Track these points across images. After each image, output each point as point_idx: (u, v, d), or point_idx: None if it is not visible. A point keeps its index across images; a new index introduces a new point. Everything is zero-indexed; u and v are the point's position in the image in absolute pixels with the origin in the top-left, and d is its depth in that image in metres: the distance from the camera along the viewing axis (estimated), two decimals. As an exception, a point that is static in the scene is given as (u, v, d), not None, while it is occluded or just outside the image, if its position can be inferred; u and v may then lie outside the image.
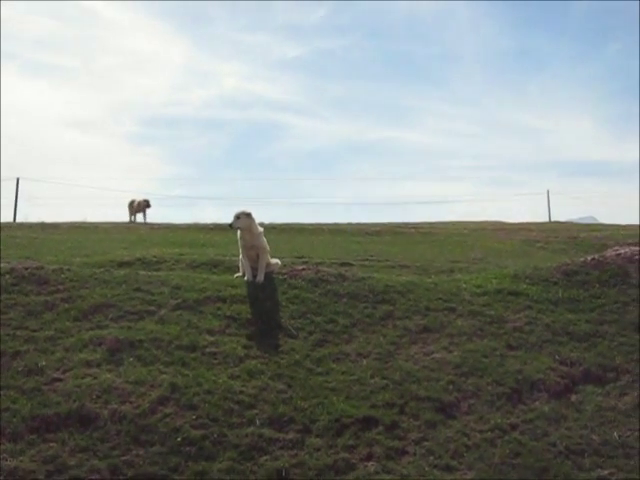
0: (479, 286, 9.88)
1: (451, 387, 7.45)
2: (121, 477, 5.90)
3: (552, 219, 36.58)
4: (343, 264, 12.80)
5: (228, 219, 9.59)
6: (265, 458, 6.24)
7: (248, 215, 9.45)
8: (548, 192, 40.53)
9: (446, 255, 15.76)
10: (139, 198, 26.74)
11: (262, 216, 9.69)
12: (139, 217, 26.54)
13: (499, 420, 6.97)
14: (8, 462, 5.92)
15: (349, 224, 24.69)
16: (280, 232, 18.70)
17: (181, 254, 12.83)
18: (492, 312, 9.08)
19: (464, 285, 9.91)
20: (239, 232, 9.49)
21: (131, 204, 26.71)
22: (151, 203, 26.49)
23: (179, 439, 6.30)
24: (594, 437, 6.77)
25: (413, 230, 22.41)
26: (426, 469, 6.25)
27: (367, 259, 14.23)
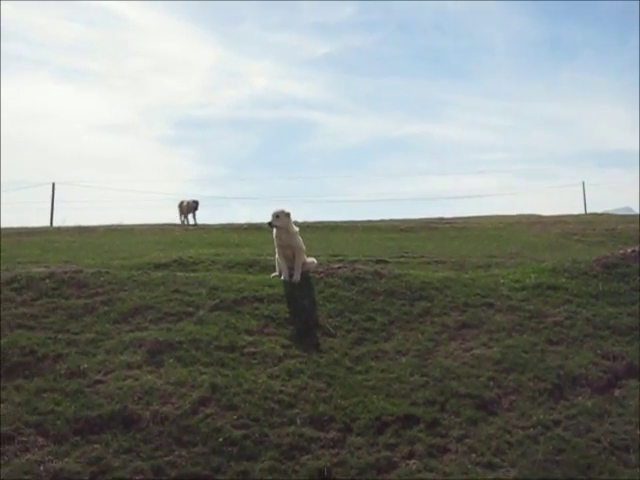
0: (517, 281, 9.78)
1: (492, 383, 7.39)
2: (164, 478, 5.96)
3: (588, 211, 36.15)
4: (378, 261, 12.76)
5: (261, 219, 9.65)
6: (307, 457, 6.24)
7: (287, 214, 9.47)
8: (583, 183, 39.99)
9: (482, 250, 15.63)
10: (188, 199, 26.16)
11: (295, 215, 9.69)
12: (189, 218, 25.87)
13: (541, 416, 6.91)
14: (53, 464, 6.01)
15: (382, 221, 24.60)
16: (314, 230, 18.69)
17: (217, 254, 12.89)
18: (531, 307, 8.99)
19: (502, 280, 9.82)
20: (275, 231, 9.50)
21: (181, 205, 26.08)
22: (199, 204, 25.84)
23: (221, 439, 6.34)
24: (639, 432, 6.67)
25: (448, 225, 22.27)
26: (468, 467, 6.22)
27: (402, 256, 14.17)
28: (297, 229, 9.66)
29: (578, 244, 17.87)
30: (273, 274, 9.84)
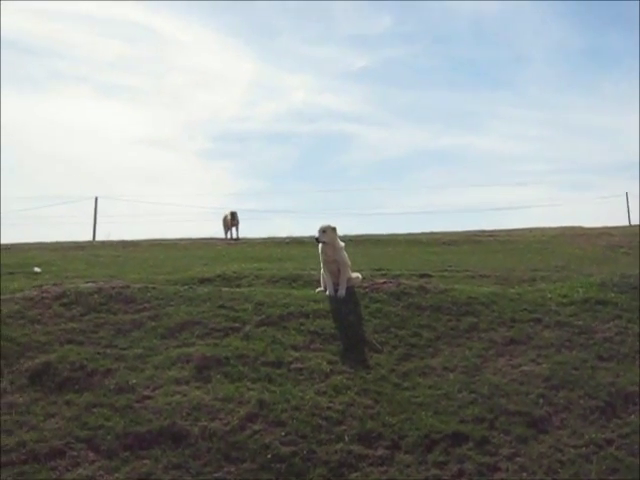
0: (565, 296, 9.65)
1: (541, 401, 7.29)
2: (214, 494, 5.97)
3: (632, 222, 35.54)
4: (422, 275, 12.67)
5: (301, 232, 9.64)
6: (355, 475, 6.21)
7: (333, 229, 9.47)
8: (627, 194, 39.28)
9: (526, 263, 15.43)
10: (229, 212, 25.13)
11: (335, 228, 9.61)
12: (232, 232, 24.93)
13: (593, 435, 6.79)
14: (104, 479, 6.06)
15: (424, 233, 24.46)
16: (356, 244, 18.63)
17: (260, 269, 12.92)
18: (580, 322, 8.85)
19: (549, 295, 9.69)
20: (320, 247, 9.50)
21: (225, 219, 25.31)
22: (236, 215, 24.87)
23: (269, 456, 6.34)
24: (696, 452, 6.52)
25: (491, 238, 22.06)
26: (520, 486, 6.12)
27: (446, 270, 14.05)
28: (343, 244, 9.65)
29: (625, 257, 17.56)
30: (318, 289, 9.83)
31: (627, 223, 35.14)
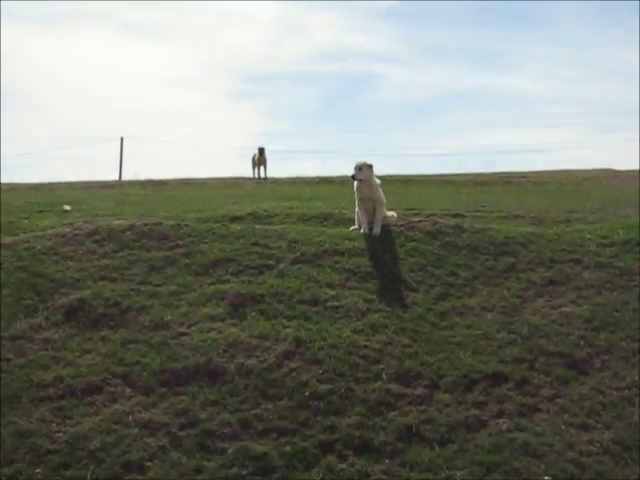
0: (605, 237, 9.39)
1: (582, 342, 7.14)
2: (251, 431, 5.92)
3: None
4: (455, 215, 12.44)
5: (328, 172, 9.44)
6: (394, 414, 6.13)
7: (370, 167, 9.25)
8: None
9: (561, 205, 15.13)
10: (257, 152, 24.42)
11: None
12: (261, 171, 24.47)
13: (636, 377, 6.64)
14: (142, 414, 6.04)
15: (456, 175, 24.15)
16: (385, 184, 18.26)
17: (291, 208, 12.77)
18: (621, 264, 8.62)
19: (588, 236, 9.45)
20: (356, 184, 9.29)
21: (253, 158, 24.55)
22: (264, 150, 24.21)
23: (307, 393, 6.28)
24: None
25: (523, 179, 21.74)
26: (562, 427, 6.02)
27: (479, 210, 13.80)
28: (379, 182, 9.46)
29: (662, 199, 17.17)
30: (352, 227, 9.67)
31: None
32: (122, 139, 31.83)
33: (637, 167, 28.30)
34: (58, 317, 7.41)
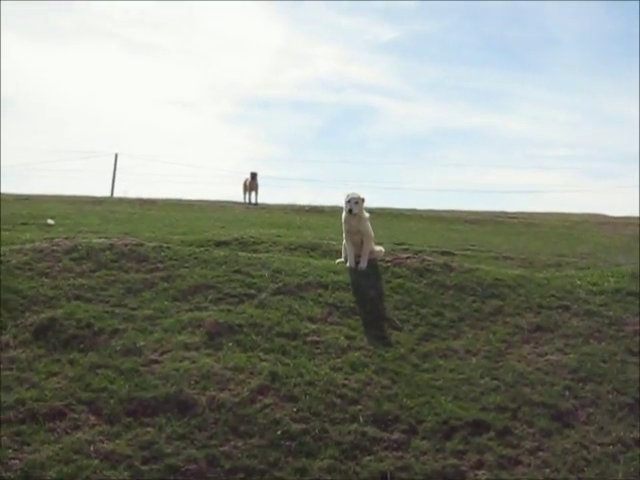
0: (595, 284, 9.22)
1: (567, 393, 6.91)
2: (219, 469, 5.64)
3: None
4: (444, 253, 12.27)
5: (321, 201, 9.24)
6: (369, 459, 5.86)
7: (363, 200, 9.07)
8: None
9: (551, 248, 15.01)
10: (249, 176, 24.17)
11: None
12: (252, 196, 24.12)
13: (621, 433, 6.41)
14: (104, 444, 5.74)
15: (446, 211, 24.01)
16: (376, 217, 18.10)
17: (278, 236, 12.55)
18: (610, 313, 8.44)
19: (578, 282, 9.27)
20: (344, 216, 9.08)
21: (245, 181, 24.33)
22: (257, 176, 23.91)
23: (279, 432, 5.99)
24: None
25: (514, 220, 21.61)
26: (543, 483, 5.76)
27: (468, 249, 13.66)
28: (368, 215, 9.26)
29: (653, 248, 17.07)
30: (338, 260, 9.45)
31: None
32: (116, 155, 31.82)
33: (628, 214, 28.34)
34: (27, 336, 7.10)
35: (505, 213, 24.72)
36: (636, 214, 30.08)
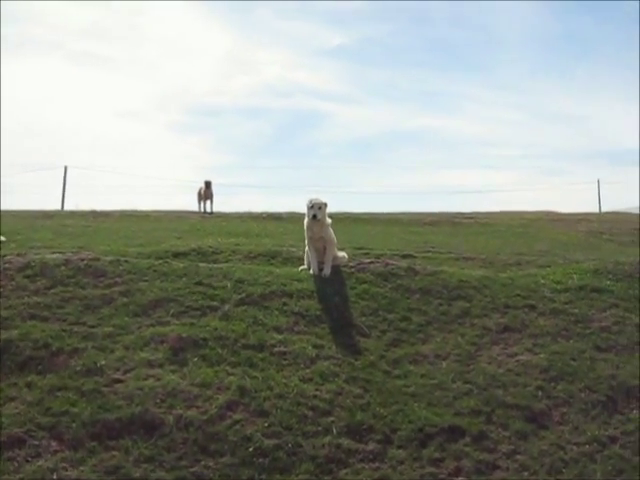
0: (559, 282, 9.22)
1: (540, 393, 6.85)
2: (190, 491, 5.41)
3: (602, 209, 35.63)
4: (405, 256, 12.18)
5: (273, 208, 9.07)
6: (345, 471, 5.69)
7: (325, 205, 8.92)
8: (599, 182, 39.40)
9: (510, 247, 15.07)
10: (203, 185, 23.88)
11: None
12: (207, 205, 23.82)
13: (596, 432, 6.36)
14: (68, 472, 5.46)
15: (404, 213, 24.00)
16: (334, 222, 18.08)
17: (237, 244, 12.33)
18: (576, 310, 8.45)
19: (542, 281, 9.26)
20: (307, 222, 8.92)
21: (199, 192, 23.96)
22: (211, 184, 23.59)
23: (251, 449, 5.78)
24: None
25: (471, 220, 21.67)
26: (522, 487, 5.66)
27: (428, 251, 13.60)
28: (330, 221, 9.11)
29: (608, 243, 17.30)
30: (301, 267, 9.27)
31: (597, 210, 35.19)
32: (66, 168, 31.13)
33: (578, 210, 28.74)
34: (-20, 360, 6.77)
35: (462, 214, 24.81)
36: (587, 210, 30.66)
